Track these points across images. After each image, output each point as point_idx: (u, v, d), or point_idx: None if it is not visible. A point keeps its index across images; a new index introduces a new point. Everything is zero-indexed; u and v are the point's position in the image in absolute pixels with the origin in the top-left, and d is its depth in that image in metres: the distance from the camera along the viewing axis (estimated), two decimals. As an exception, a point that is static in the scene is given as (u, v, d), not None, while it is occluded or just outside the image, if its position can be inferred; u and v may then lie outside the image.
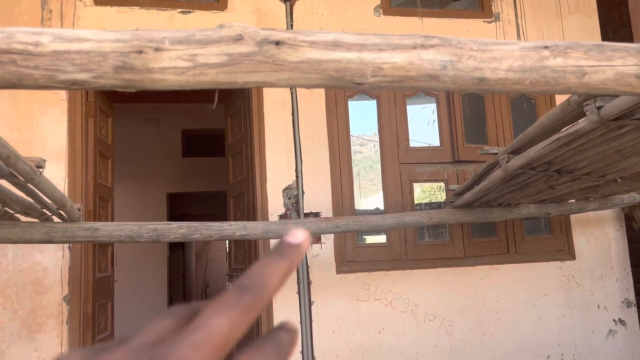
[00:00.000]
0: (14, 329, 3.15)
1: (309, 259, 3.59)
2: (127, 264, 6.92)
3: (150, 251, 7.40)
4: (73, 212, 2.36)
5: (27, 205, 2.18)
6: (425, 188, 4.33)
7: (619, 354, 3.87)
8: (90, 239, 2.44)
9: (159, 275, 7.43)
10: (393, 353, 3.58)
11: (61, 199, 2.05)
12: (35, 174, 1.62)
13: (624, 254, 4.02)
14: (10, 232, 2.29)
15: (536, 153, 1.88)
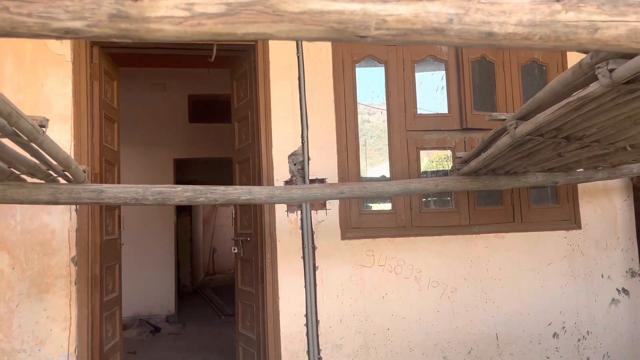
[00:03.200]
0: (23, 289, 3.21)
1: (313, 224, 3.60)
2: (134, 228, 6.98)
3: (158, 216, 7.46)
4: (78, 174, 2.37)
5: (33, 166, 2.18)
6: (432, 158, 4.30)
7: (621, 323, 3.90)
8: (95, 201, 2.46)
9: (167, 240, 7.52)
10: (396, 318, 3.62)
11: (66, 160, 2.05)
12: (38, 133, 1.61)
13: (630, 224, 4.00)
14: (16, 192, 2.31)
15: (545, 118, 1.85)
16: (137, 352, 5.60)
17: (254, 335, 3.81)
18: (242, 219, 4.11)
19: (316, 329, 3.52)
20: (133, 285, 6.75)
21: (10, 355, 3.16)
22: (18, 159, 2.00)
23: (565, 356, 3.79)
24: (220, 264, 14.68)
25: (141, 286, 7.13)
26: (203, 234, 13.94)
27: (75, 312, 3.25)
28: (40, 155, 1.98)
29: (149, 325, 6.79)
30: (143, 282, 7.19)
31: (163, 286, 7.40)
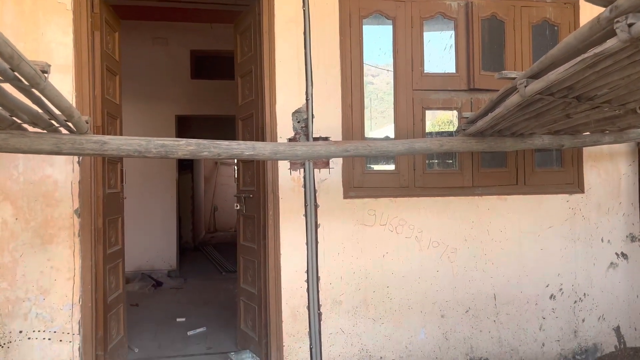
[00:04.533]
0: (26, 239, 3.24)
1: (316, 183, 3.59)
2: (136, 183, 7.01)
3: (159, 172, 7.47)
4: (81, 124, 2.34)
5: (35, 115, 2.16)
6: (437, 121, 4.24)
7: (618, 286, 3.94)
8: (98, 152, 2.44)
9: (168, 196, 7.54)
10: (395, 276, 3.66)
11: (68, 109, 2.02)
12: (40, 79, 1.58)
13: (633, 189, 3.99)
14: (19, 141, 2.29)
15: (558, 76, 1.80)
16: (139, 305, 5.71)
17: (255, 290, 3.86)
18: (245, 176, 4.10)
19: (317, 285, 3.56)
20: (135, 240, 6.82)
21: (15, 303, 3.22)
22: (20, 106, 1.97)
23: (560, 317, 3.85)
24: (221, 222, 14.80)
25: (143, 241, 7.21)
26: (204, 191, 14.00)
27: (79, 263, 3.28)
28: (42, 103, 1.95)
29: (151, 280, 6.90)
30: (145, 237, 7.26)
31: (165, 241, 7.48)
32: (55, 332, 3.24)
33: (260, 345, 3.75)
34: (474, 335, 3.75)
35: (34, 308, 3.23)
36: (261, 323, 3.74)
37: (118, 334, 3.83)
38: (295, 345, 3.52)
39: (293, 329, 3.53)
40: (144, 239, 7.24)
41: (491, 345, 3.77)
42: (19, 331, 3.21)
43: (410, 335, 3.67)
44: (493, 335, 3.77)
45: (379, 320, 3.64)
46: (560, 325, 3.86)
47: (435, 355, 3.70)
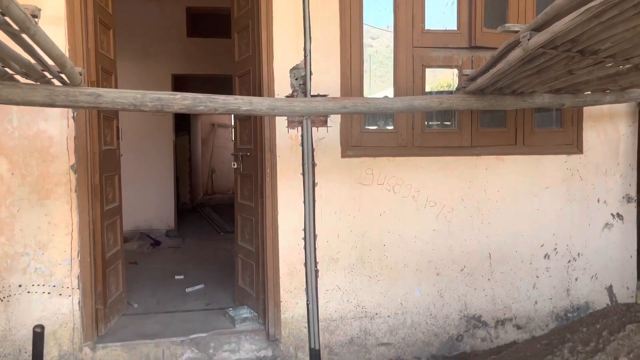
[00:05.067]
0: (23, 194, 3.23)
1: (314, 141, 3.57)
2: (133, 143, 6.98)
3: (156, 133, 7.43)
4: (74, 76, 2.30)
5: (27, 65, 2.11)
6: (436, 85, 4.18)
7: (612, 246, 3.98)
8: (93, 105, 2.40)
9: (166, 157, 7.52)
10: (392, 235, 3.69)
11: (60, 57, 1.97)
12: (30, 23, 1.53)
13: (632, 150, 3.98)
14: (11, 92, 2.24)
15: (562, 27, 1.76)
16: (138, 263, 5.77)
17: (252, 248, 3.89)
18: (242, 134, 4.07)
19: (314, 243, 3.59)
20: (133, 199, 6.83)
21: (14, 258, 3.23)
22: (11, 55, 1.92)
23: (554, 276, 3.91)
24: (219, 184, 14.82)
25: (141, 201, 7.23)
26: (202, 154, 13.95)
27: (77, 219, 3.29)
28: (33, 50, 1.90)
29: (149, 239, 6.95)
30: (143, 197, 7.28)
31: (163, 201, 7.50)
32: (55, 286, 3.27)
33: (257, 301, 3.80)
34: (469, 293, 3.80)
35: (33, 263, 3.25)
36: (258, 280, 3.78)
37: (117, 289, 3.87)
38: (292, 300, 3.57)
39: (290, 285, 3.57)
40: (142, 199, 7.25)
41: (485, 303, 3.83)
42: (18, 285, 3.24)
43: (405, 292, 3.72)
44: (487, 293, 3.83)
45: (375, 277, 3.68)
46: (554, 284, 3.92)
47: (430, 312, 3.76)
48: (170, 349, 3.45)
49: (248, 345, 3.56)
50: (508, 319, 3.87)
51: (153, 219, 7.46)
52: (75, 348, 3.33)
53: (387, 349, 3.71)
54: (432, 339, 3.77)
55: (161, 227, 7.48)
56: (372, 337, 3.69)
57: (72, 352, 3.32)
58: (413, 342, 3.74)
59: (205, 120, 14.46)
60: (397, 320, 3.72)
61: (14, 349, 3.25)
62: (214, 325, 3.72)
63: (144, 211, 7.34)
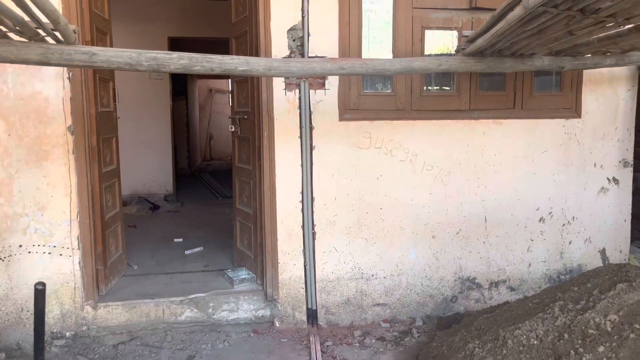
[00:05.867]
0: (20, 156, 3.23)
1: (312, 104, 3.55)
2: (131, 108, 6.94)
3: (153, 97, 7.37)
4: (68, 33, 2.27)
5: (20, 22, 2.08)
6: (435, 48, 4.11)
7: (607, 210, 4.02)
8: (88, 64, 2.37)
9: (163, 121, 7.49)
10: (389, 198, 3.71)
11: (53, 13, 1.94)
12: (21, -25, 1.51)
13: (631, 114, 3.97)
14: (5, 50, 2.22)
15: (563, -17, 1.73)
16: (137, 227, 5.81)
17: (250, 211, 3.92)
18: (239, 97, 4.05)
19: (311, 206, 3.61)
20: (131, 164, 6.83)
21: (13, 219, 3.26)
22: (3, 10, 1.89)
23: (548, 239, 3.96)
24: (217, 151, 14.80)
25: (139, 165, 7.23)
26: (199, 120, 13.89)
27: (75, 180, 3.30)
28: (26, 6, 1.87)
29: (148, 203, 6.99)
30: (141, 161, 7.28)
31: (161, 166, 7.50)
32: (55, 246, 3.31)
33: (255, 263, 3.86)
34: (464, 256, 3.86)
35: (33, 223, 3.28)
36: (257, 242, 3.83)
37: (117, 250, 3.92)
38: (290, 262, 3.62)
39: (288, 247, 3.62)
40: (141, 164, 7.26)
41: (480, 265, 3.89)
42: (19, 245, 3.27)
43: (401, 254, 3.77)
44: (482, 255, 3.88)
45: (371, 240, 3.72)
46: (548, 247, 3.97)
47: (425, 274, 3.82)
48: (170, 308, 3.51)
49: (246, 305, 3.63)
50: (502, 281, 3.94)
51: (151, 184, 7.48)
52: (77, 307, 3.39)
53: (382, 309, 3.79)
54: (427, 300, 3.85)
55: (160, 191, 7.51)
56: (368, 298, 3.76)
57: (74, 310, 3.39)
58: (408, 302, 3.82)
59: (203, 85, 14.33)
60: (393, 281, 3.78)
61: (15, 307, 3.31)
62: (212, 285, 3.78)
63: (143, 176, 7.35)
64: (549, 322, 2.31)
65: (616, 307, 2.18)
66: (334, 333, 3.62)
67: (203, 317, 3.56)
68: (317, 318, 3.68)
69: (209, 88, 14.76)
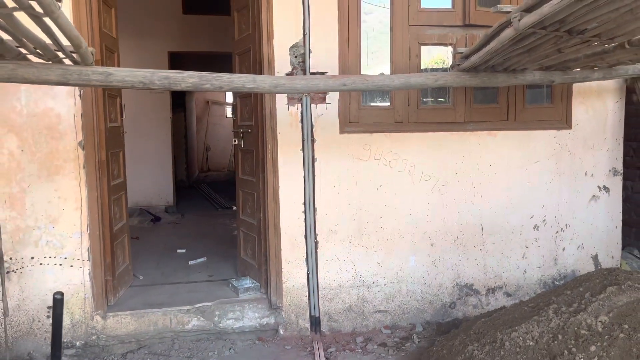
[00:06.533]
0: (33, 171, 3.34)
1: (313, 118, 3.69)
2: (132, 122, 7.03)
3: (154, 110, 7.51)
4: (87, 55, 2.39)
5: (43, 46, 2.20)
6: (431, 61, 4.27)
7: (598, 217, 4.17)
8: (104, 84, 2.50)
9: (163, 134, 7.62)
10: (388, 207, 3.84)
11: (77, 39, 2.07)
12: (55, 7, 1.63)
13: (619, 125, 4.14)
14: (26, 72, 2.34)
15: (550, 9, 1.88)
16: (139, 238, 5.91)
17: (254, 221, 4.04)
18: (243, 111, 4.18)
19: (313, 216, 3.74)
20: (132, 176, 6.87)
21: (25, 231, 3.36)
22: (30, 36, 2.02)
23: (542, 246, 4.09)
24: (214, 162, 14.91)
25: (140, 177, 7.33)
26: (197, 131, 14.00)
27: (85, 194, 3.41)
28: (51, 32, 2.00)
29: (149, 215, 7.09)
30: (142, 173, 7.38)
31: (161, 178, 7.61)
32: (66, 258, 3.41)
33: (260, 272, 3.97)
34: (461, 263, 3.99)
35: (44, 236, 3.38)
36: (260, 251, 3.94)
37: (124, 262, 4.02)
38: (293, 270, 3.74)
39: (291, 256, 3.73)
40: (141, 176, 7.36)
41: (477, 272, 4.02)
42: (31, 257, 3.37)
43: (401, 262, 3.90)
44: (479, 262, 4.01)
45: (372, 248, 3.85)
46: (542, 253, 4.11)
47: (424, 281, 3.94)
48: (177, 317, 3.62)
49: (251, 313, 3.73)
50: (498, 287, 4.07)
51: (152, 196, 7.58)
52: (87, 316, 3.48)
53: (383, 315, 3.90)
54: (426, 307, 3.96)
55: (160, 203, 7.62)
56: (370, 305, 3.87)
57: (84, 320, 3.48)
58: (408, 309, 3.93)
59: (200, 97, 14.47)
60: (393, 288, 3.90)
61: (27, 318, 3.40)
62: (218, 294, 3.88)
63: (143, 188, 7.45)
64: (543, 324, 2.44)
65: (606, 308, 2.31)
66: (336, 339, 3.73)
67: (209, 325, 3.67)
68: (320, 325, 3.79)
69: (205, 100, 14.90)
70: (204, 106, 14.93)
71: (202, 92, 14.03)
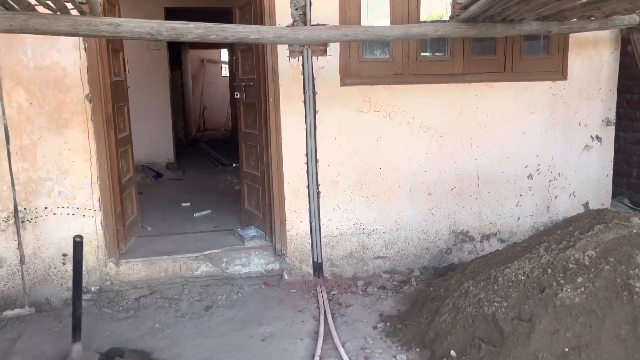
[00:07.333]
0: (42, 123, 3.42)
1: (314, 70, 3.75)
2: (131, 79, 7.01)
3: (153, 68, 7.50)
4: (95, 6, 2.45)
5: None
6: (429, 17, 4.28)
7: (590, 166, 4.31)
8: (113, 34, 2.56)
9: (162, 92, 7.64)
10: (387, 158, 3.96)
11: (89, -12, 2.13)
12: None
13: (613, 76, 4.22)
14: (38, 22, 2.40)
15: (548, -45, 1.95)
16: (144, 194, 6.03)
17: (258, 173, 4.16)
18: (244, 65, 4.23)
19: (315, 167, 3.86)
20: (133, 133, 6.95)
21: (38, 183, 3.47)
22: (42, -15, 2.08)
23: (536, 194, 4.25)
24: (210, 121, 14.92)
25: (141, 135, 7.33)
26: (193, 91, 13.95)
27: (94, 146, 3.51)
28: (64, -19, 2.05)
29: (151, 171, 7.20)
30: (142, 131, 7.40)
31: (161, 135, 7.68)
32: (78, 208, 3.54)
33: (264, 221, 4.12)
34: (457, 211, 4.15)
35: (56, 187, 3.49)
36: (264, 202, 4.08)
37: (132, 212, 4.16)
38: (296, 219, 3.89)
39: (294, 206, 3.87)
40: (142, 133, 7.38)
41: (472, 220, 4.18)
42: (44, 207, 3.50)
43: (399, 211, 4.05)
44: (474, 210, 4.17)
45: (371, 197, 3.99)
46: (535, 201, 4.27)
47: (422, 228, 4.11)
48: (186, 263, 3.78)
49: (257, 260, 3.91)
50: (493, 233, 4.24)
51: (153, 153, 7.66)
52: (100, 264, 3.64)
53: (382, 261, 4.09)
54: (423, 253, 4.15)
55: (161, 160, 7.71)
56: (370, 251, 4.05)
57: (98, 267, 3.64)
58: (406, 255, 4.11)
59: (195, 55, 14.34)
60: (392, 235, 4.07)
61: (43, 265, 3.56)
62: (224, 243, 4.04)
63: (144, 145, 7.51)
64: (534, 260, 2.61)
65: (594, 244, 2.47)
66: (338, 283, 3.92)
67: (217, 271, 3.84)
68: (322, 270, 3.97)
69: (200, 58, 14.78)
70: (199, 65, 14.82)
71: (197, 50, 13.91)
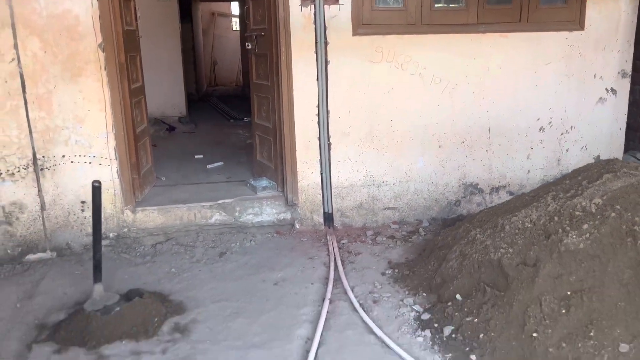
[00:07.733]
0: (57, 72, 3.45)
1: (326, 20, 3.72)
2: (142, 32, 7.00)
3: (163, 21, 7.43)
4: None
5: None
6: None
7: (604, 120, 4.27)
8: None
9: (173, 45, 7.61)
10: (399, 110, 3.97)
11: None
12: None
13: (631, 26, 4.12)
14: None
15: None
16: (157, 146, 6.11)
17: (269, 124, 4.19)
18: (255, 15, 4.19)
19: (327, 118, 3.88)
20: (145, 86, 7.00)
21: (55, 131, 3.54)
22: None
23: (547, 147, 4.25)
24: (221, 76, 14.82)
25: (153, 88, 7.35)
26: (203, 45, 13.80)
27: (108, 95, 3.55)
28: None
29: (164, 124, 7.25)
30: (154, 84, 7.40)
31: (173, 89, 7.69)
32: (95, 156, 3.62)
33: (276, 172, 4.18)
34: (468, 163, 4.17)
35: (73, 135, 3.56)
36: (276, 153, 4.13)
37: (147, 162, 4.24)
38: (307, 170, 3.94)
39: (306, 157, 3.92)
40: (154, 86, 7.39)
41: (482, 172, 4.21)
42: (62, 155, 3.58)
43: (410, 163, 4.08)
44: (485, 163, 4.19)
45: (382, 149, 4.02)
46: (546, 154, 4.27)
47: (432, 180, 4.15)
48: (200, 212, 3.88)
49: (269, 209, 3.99)
50: (502, 186, 4.27)
51: (165, 106, 7.69)
52: (117, 211, 3.75)
53: (392, 212, 4.16)
54: (432, 204, 4.20)
55: (173, 114, 7.75)
56: (379, 202, 4.11)
57: (115, 214, 3.75)
58: (415, 206, 4.18)
59: (205, 9, 14.11)
60: (402, 187, 4.12)
61: (63, 212, 3.67)
62: (237, 193, 4.12)
63: (156, 98, 7.51)
64: (542, 209, 2.65)
65: (601, 192, 2.50)
66: (348, 233, 4.01)
67: (230, 220, 3.94)
68: (333, 220, 4.06)
69: (211, 12, 14.54)
70: (210, 18, 14.59)
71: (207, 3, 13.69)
